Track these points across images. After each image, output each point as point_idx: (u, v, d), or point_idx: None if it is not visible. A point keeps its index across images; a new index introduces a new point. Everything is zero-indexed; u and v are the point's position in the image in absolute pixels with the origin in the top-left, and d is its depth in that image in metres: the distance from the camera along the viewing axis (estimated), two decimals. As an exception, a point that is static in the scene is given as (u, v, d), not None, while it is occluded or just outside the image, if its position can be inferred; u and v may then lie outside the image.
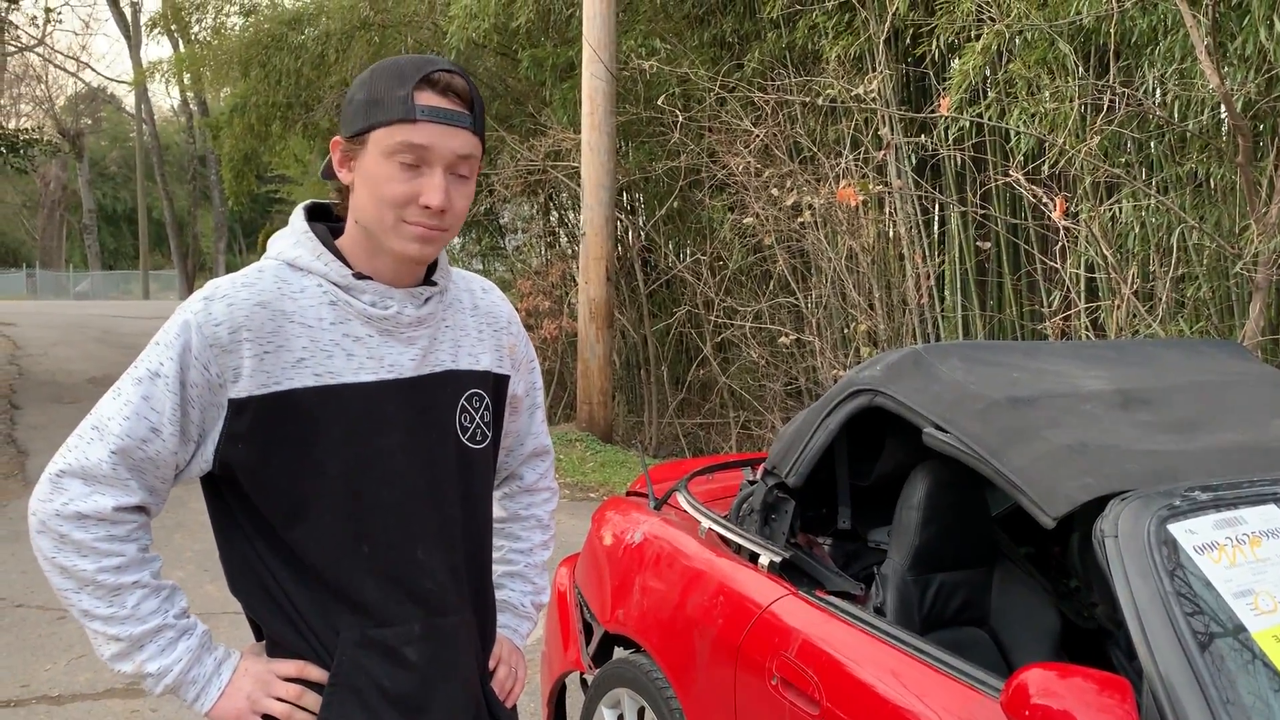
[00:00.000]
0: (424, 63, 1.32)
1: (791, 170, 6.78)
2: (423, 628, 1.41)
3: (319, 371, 1.34)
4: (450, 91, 1.32)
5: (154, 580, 1.34)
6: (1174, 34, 4.80)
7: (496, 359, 1.53)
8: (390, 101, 1.30)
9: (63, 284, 38.99)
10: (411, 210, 1.32)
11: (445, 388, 1.44)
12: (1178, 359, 2.44)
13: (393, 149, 1.30)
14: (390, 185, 1.31)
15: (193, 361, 1.29)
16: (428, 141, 1.30)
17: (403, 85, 1.30)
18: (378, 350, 1.37)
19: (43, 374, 12.75)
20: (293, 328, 1.33)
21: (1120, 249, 5.28)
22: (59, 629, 4.44)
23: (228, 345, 1.30)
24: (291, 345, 1.33)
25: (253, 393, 1.31)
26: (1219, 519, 1.67)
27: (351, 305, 1.36)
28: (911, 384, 2.19)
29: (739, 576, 2.36)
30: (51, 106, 37.73)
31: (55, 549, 1.29)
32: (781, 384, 7.49)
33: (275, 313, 1.32)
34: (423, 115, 1.29)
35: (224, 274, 8.93)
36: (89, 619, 1.31)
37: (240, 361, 1.30)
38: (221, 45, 12.89)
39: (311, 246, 1.38)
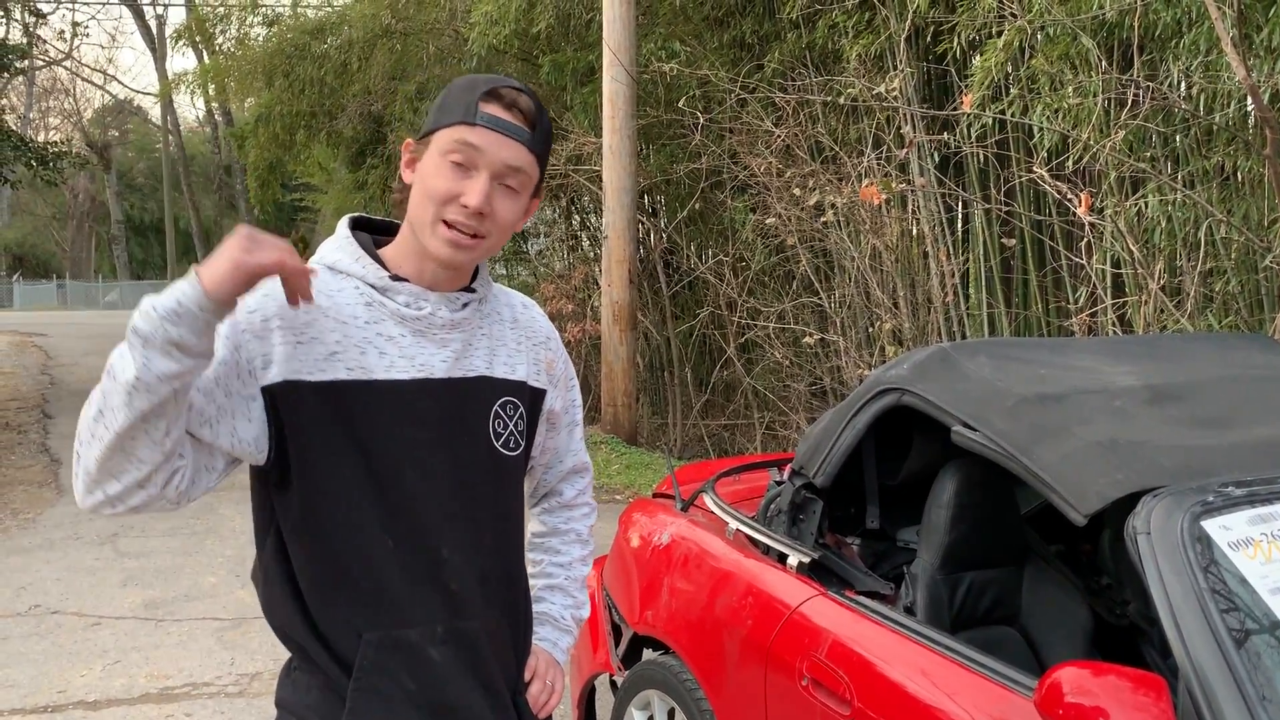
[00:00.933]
0: (498, 79, 1.38)
1: (813, 170, 6.76)
2: (446, 629, 1.41)
3: (351, 366, 1.35)
4: (515, 107, 1.36)
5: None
6: (1199, 26, 4.75)
7: (534, 372, 1.54)
8: (457, 106, 1.35)
9: (92, 294, 39.44)
10: (451, 209, 1.35)
11: (479, 392, 1.45)
12: (1208, 353, 2.42)
13: (448, 147, 1.34)
14: (437, 180, 1.35)
15: (223, 340, 1.28)
16: (480, 143, 1.34)
17: (471, 93, 1.35)
18: (410, 350, 1.39)
19: (75, 384, 12.91)
20: (327, 321, 1.35)
21: (1146, 244, 5.23)
22: (94, 635, 4.50)
23: (259, 331, 1.31)
24: (325, 339, 1.35)
25: (286, 377, 1.32)
26: (1254, 514, 1.65)
27: (386, 305, 1.39)
28: (939, 382, 2.19)
29: (767, 577, 2.36)
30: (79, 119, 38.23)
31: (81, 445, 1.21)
32: (806, 384, 7.47)
33: (309, 306, 1.34)
34: (482, 120, 1.34)
35: (250, 282, 8.81)
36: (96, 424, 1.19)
37: (271, 349, 1.32)
38: (245, 56, 13.00)
39: (351, 250, 1.42)
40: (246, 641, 4.37)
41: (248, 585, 5.13)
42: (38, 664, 4.19)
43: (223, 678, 4.04)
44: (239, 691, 3.91)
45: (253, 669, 4.10)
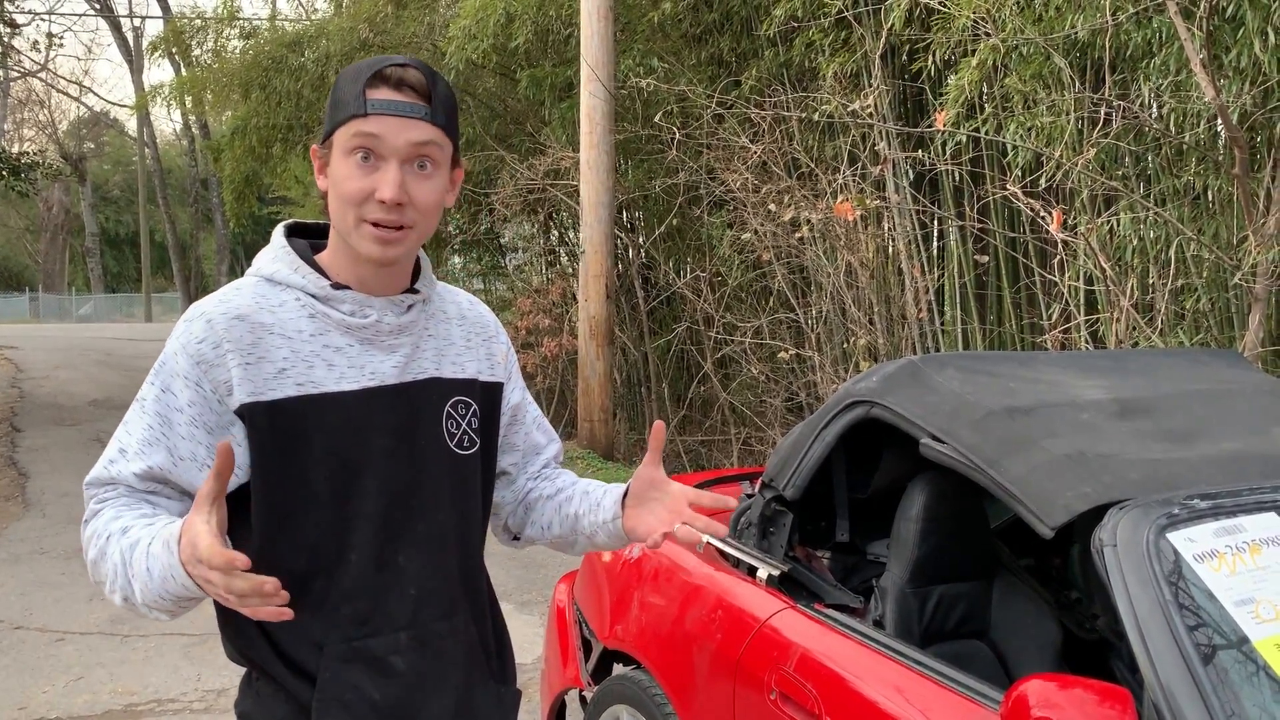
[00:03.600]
0: (378, 60, 1.33)
1: (789, 186, 6.79)
2: (409, 637, 1.40)
3: (300, 381, 1.34)
4: (404, 85, 1.31)
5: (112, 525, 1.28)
6: (1169, 47, 4.81)
7: (487, 366, 1.53)
8: (346, 100, 1.31)
9: (65, 307, 39.06)
10: (369, 207, 1.31)
11: (430, 395, 1.44)
12: (1176, 368, 2.44)
13: (348, 144, 1.31)
14: (348, 182, 1.31)
15: (184, 384, 1.31)
16: (378, 130, 1.29)
17: (357, 82, 1.31)
18: (359, 359, 1.38)
19: (44, 397, 12.75)
20: (273, 339, 1.33)
21: (1119, 261, 5.27)
22: (58, 651, 4.42)
23: (213, 360, 1.31)
24: (272, 356, 1.33)
25: (244, 400, 1.31)
26: (1219, 527, 1.66)
27: (330, 316, 1.37)
28: (908, 395, 2.19)
29: (737, 590, 2.35)
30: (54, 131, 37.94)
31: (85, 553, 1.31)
32: (782, 399, 7.48)
33: (254, 325, 1.33)
34: (373, 109, 1.29)
35: (221, 296, 8.68)
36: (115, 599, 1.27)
37: (229, 374, 1.31)
38: (222, 68, 12.93)
39: (289, 260, 1.39)
40: (213, 658, 4.31)
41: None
42: (-1, 680, 4.12)
43: (189, 694, 3.98)
44: (205, 708, 3.85)
45: (219, 685, 4.04)
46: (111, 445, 1.33)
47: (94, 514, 1.30)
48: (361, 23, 10.65)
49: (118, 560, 1.24)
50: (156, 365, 1.34)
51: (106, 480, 1.31)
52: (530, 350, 9.21)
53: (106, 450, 1.33)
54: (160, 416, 1.31)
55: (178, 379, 1.31)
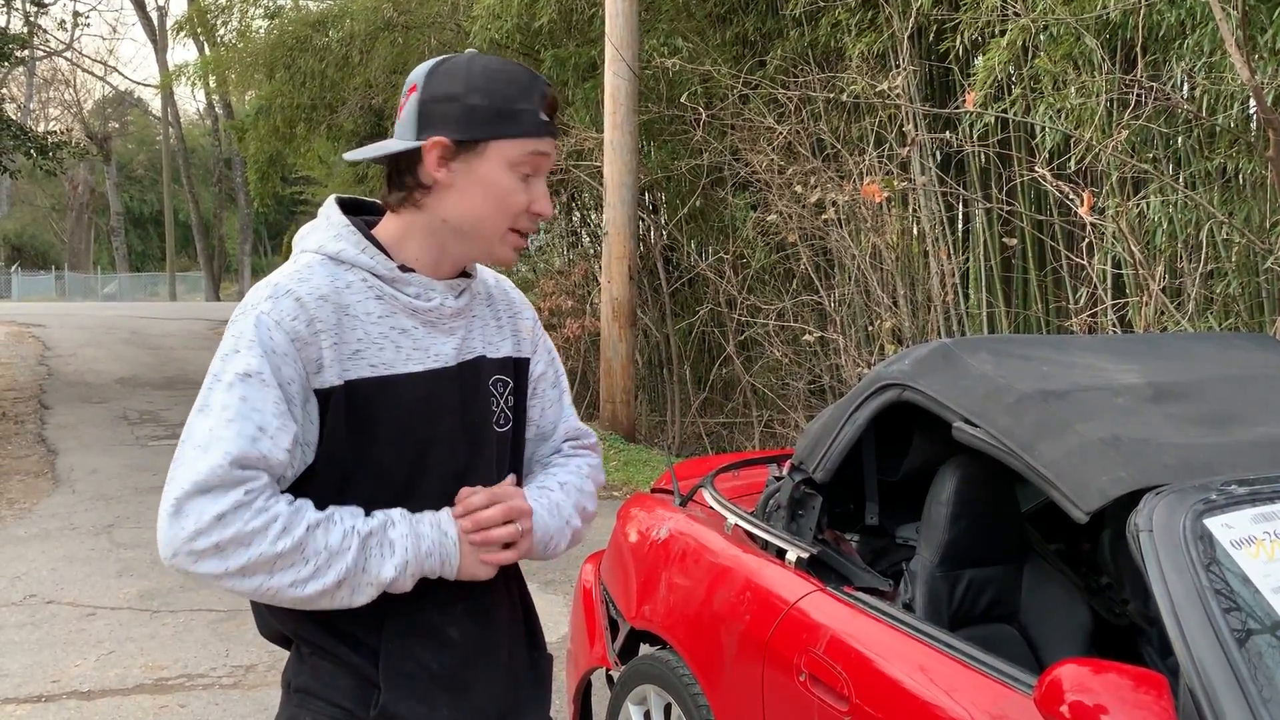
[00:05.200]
0: (536, 78, 1.39)
1: (815, 168, 6.75)
2: (464, 608, 1.45)
3: (374, 363, 1.36)
4: (556, 108, 1.42)
5: (318, 513, 1.31)
6: (1203, 27, 4.74)
7: (515, 344, 1.56)
8: (519, 115, 1.36)
9: (91, 286, 39.39)
10: (523, 219, 1.41)
11: (479, 375, 1.48)
12: (1210, 352, 2.41)
13: (517, 160, 1.37)
14: (514, 196, 1.38)
15: (281, 359, 1.30)
16: (549, 150, 1.40)
17: (528, 99, 1.36)
18: (423, 341, 1.41)
19: (72, 374, 12.89)
20: (349, 320, 1.35)
21: (1148, 245, 5.22)
22: (89, 625, 4.49)
23: (307, 338, 1.32)
24: (348, 338, 1.35)
25: (331, 383, 1.33)
26: (1256, 513, 1.64)
27: (397, 298, 1.39)
28: (940, 378, 2.17)
29: (766, 572, 2.35)
30: (80, 110, 38.18)
31: (221, 562, 1.24)
32: (805, 382, 7.46)
33: (336, 306, 1.34)
34: (549, 132, 1.39)
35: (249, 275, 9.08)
36: (304, 589, 1.27)
37: (320, 353, 1.32)
38: (246, 48, 12.97)
39: (355, 240, 1.40)
40: (242, 633, 4.36)
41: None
42: (32, 654, 4.18)
43: (218, 669, 4.03)
44: (234, 683, 3.89)
45: (248, 661, 4.09)
46: (235, 423, 1.25)
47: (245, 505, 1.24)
48: (386, 2, 10.64)
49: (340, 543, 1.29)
50: (246, 342, 1.29)
51: (257, 459, 1.26)
52: (552, 332, 9.23)
53: (231, 428, 1.25)
54: (282, 390, 1.29)
55: (275, 354, 1.29)
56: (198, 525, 1.22)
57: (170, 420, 9.78)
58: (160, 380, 12.55)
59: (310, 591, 1.28)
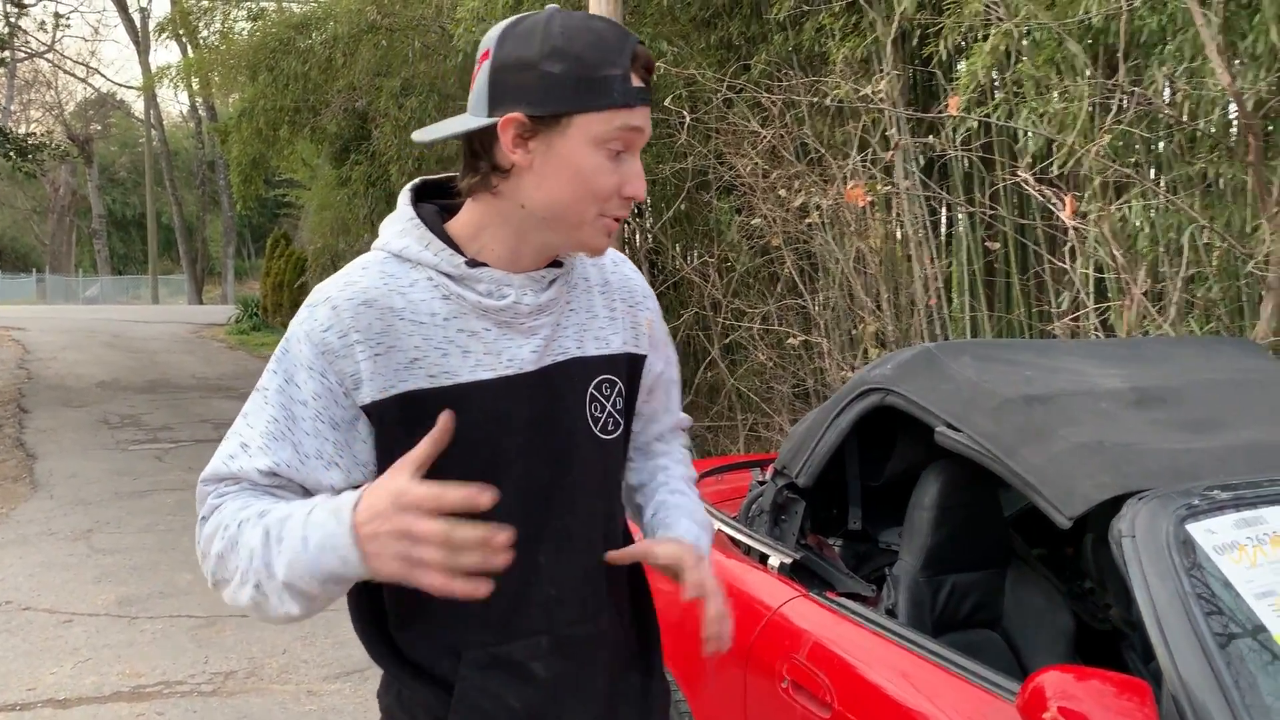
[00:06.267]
0: (623, 34, 1.19)
1: (799, 171, 6.75)
2: (552, 640, 1.29)
3: (434, 372, 1.21)
4: (650, 68, 1.20)
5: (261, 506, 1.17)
6: (1184, 33, 4.75)
7: (632, 338, 1.38)
8: (606, 82, 1.16)
9: (72, 289, 39.09)
10: (613, 203, 1.22)
11: (573, 378, 1.31)
12: (1193, 357, 2.41)
13: (606, 137, 1.18)
14: (602, 177, 1.19)
15: (308, 375, 1.19)
16: (642, 124, 1.20)
17: (616, 63, 1.16)
18: (495, 345, 1.24)
19: (51, 378, 12.78)
20: (403, 325, 1.21)
21: (1130, 249, 5.23)
22: (65, 632, 4.44)
23: (339, 351, 1.19)
24: (403, 345, 1.21)
25: (375, 398, 1.20)
26: (1239, 518, 1.64)
27: (465, 297, 1.23)
28: (923, 382, 2.17)
29: (749, 578, 2.34)
30: (61, 112, 37.90)
31: (208, 574, 1.19)
32: (789, 386, 7.46)
33: (383, 310, 1.20)
34: (640, 99, 1.18)
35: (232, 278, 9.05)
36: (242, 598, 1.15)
37: (356, 366, 1.19)
38: (229, 50, 12.87)
39: (419, 235, 1.25)
40: (221, 640, 4.32)
41: (224, 583, 5.08)
42: (6, 661, 4.13)
43: (196, 676, 3.99)
44: (213, 690, 3.86)
45: (227, 668, 4.05)
46: (230, 439, 1.21)
47: (214, 509, 1.19)
48: (369, 4, 10.59)
49: (256, 542, 1.12)
50: (278, 353, 1.23)
51: (227, 475, 1.19)
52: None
53: (225, 444, 1.22)
54: (284, 410, 1.20)
55: (301, 370, 1.20)
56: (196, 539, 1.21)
57: (151, 424, 9.71)
58: (141, 384, 12.46)
59: (244, 601, 1.15)
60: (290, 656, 4.15)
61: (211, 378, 13.46)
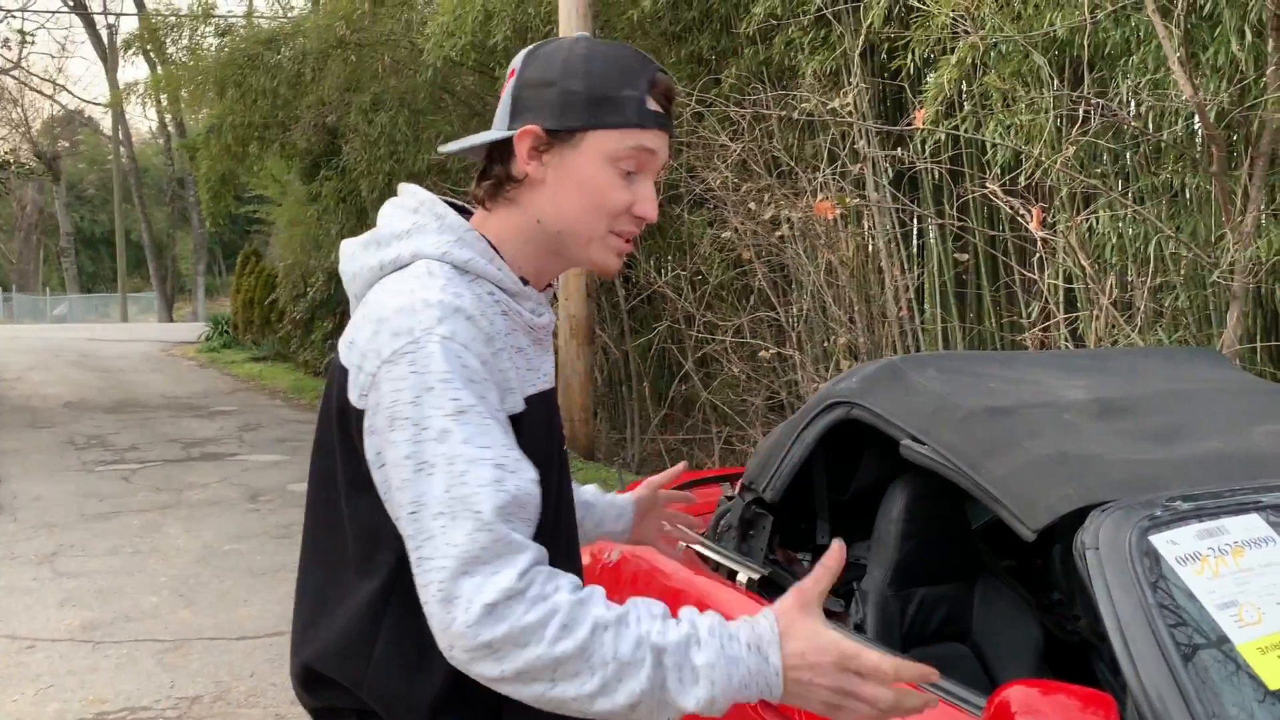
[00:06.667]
0: (648, 62, 1.24)
1: (769, 184, 6.77)
2: None
3: (513, 384, 1.22)
4: (670, 96, 1.24)
5: (608, 609, 1.08)
6: (1147, 45, 4.81)
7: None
8: (621, 102, 1.20)
9: (40, 308, 38.68)
10: (623, 221, 1.24)
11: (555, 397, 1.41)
12: (1156, 367, 2.42)
13: (620, 154, 1.21)
14: (614, 194, 1.22)
15: (484, 387, 1.13)
16: (656, 146, 1.23)
17: (634, 85, 1.21)
18: (535, 360, 1.29)
19: (17, 399, 12.61)
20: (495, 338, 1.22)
21: (1098, 259, 5.27)
22: (28, 658, 4.35)
23: (492, 360, 1.17)
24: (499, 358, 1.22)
25: (519, 408, 1.20)
26: (1201, 529, 1.64)
27: (520, 314, 1.26)
28: (888, 395, 2.16)
29: (717, 595, 2.32)
30: (28, 130, 37.53)
31: (496, 663, 1.04)
32: (763, 398, 7.46)
33: (488, 320, 1.20)
34: (658, 123, 1.22)
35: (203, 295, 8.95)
36: (591, 705, 1.05)
37: (505, 374, 1.19)
38: (198, 66, 12.79)
39: (482, 248, 1.24)
40: (187, 664, 4.25)
41: (191, 605, 5.00)
42: (-33, 689, 4.04)
43: (161, 702, 3.92)
44: (178, 716, 3.79)
45: (193, 692, 3.99)
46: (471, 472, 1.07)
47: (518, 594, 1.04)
48: (338, 20, 10.55)
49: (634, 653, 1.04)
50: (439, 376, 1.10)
51: (509, 503, 1.07)
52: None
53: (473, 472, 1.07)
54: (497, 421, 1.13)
55: (476, 383, 1.12)
56: (467, 617, 1.03)
57: (118, 444, 9.58)
58: (109, 404, 12.31)
59: (600, 709, 1.05)
60: (258, 680, 4.09)
61: (181, 397, 13.32)
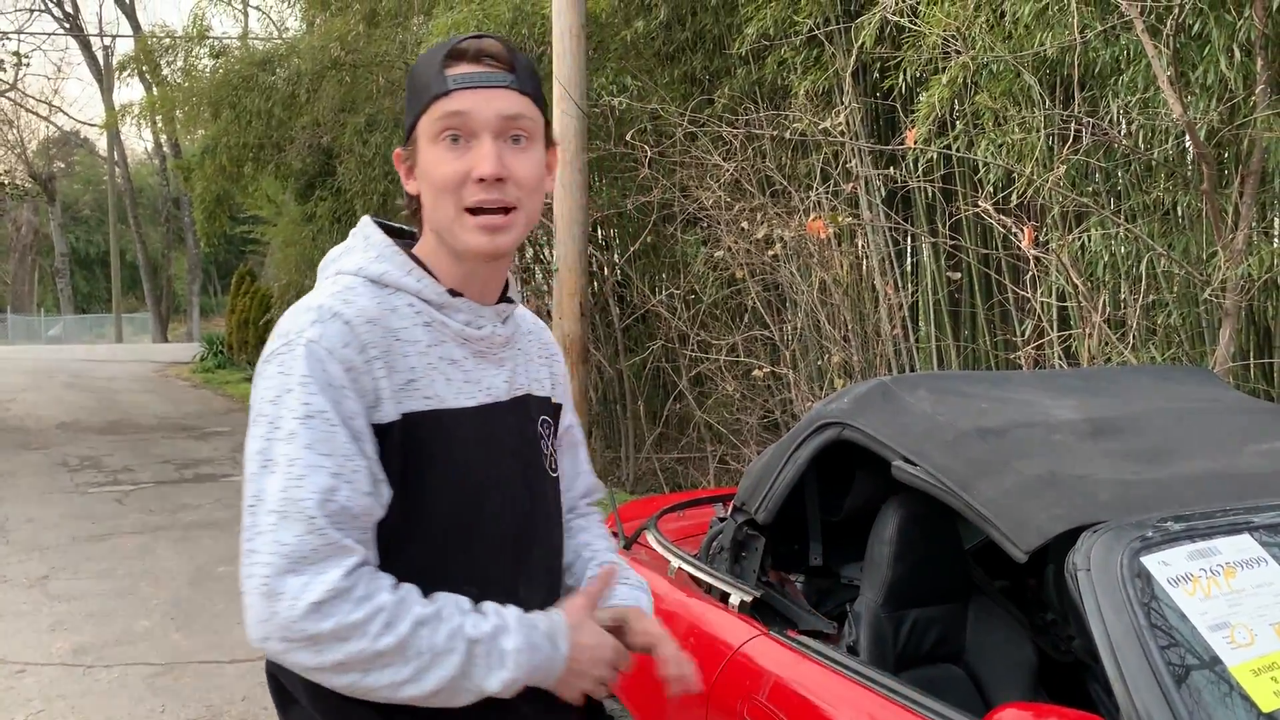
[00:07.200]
0: (454, 39, 1.25)
1: (762, 204, 6.79)
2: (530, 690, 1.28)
3: (428, 394, 1.23)
4: (484, 55, 1.23)
5: (426, 606, 1.16)
6: (1136, 64, 4.83)
7: (552, 385, 1.45)
8: (424, 85, 1.23)
9: (34, 328, 38.59)
10: (469, 190, 1.22)
11: (530, 412, 1.36)
12: (1147, 386, 2.42)
13: (435, 130, 1.22)
14: (442, 168, 1.22)
15: (340, 393, 1.16)
16: (465, 106, 1.21)
17: (432, 64, 1.23)
18: (474, 374, 1.28)
19: (11, 420, 12.56)
20: (399, 346, 1.22)
21: (1090, 277, 5.29)
22: (18, 683, 4.31)
23: (361, 367, 1.18)
24: (401, 366, 1.22)
25: (390, 418, 1.20)
26: (1193, 550, 1.63)
27: (447, 325, 1.27)
28: (879, 416, 2.16)
29: (710, 617, 2.31)
30: (24, 151, 37.54)
31: (316, 654, 1.11)
32: (757, 417, 7.45)
33: (385, 330, 1.22)
34: (456, 84, 1.21)
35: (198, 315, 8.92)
36: (399, 692, 1.14)
37: (376, 383, 1.19)
38: (193, 87, 12.82)
39: (400, 261, 1.27)
40: (178, 688, 4.22)
41: (183, 629, 4.97)
42: (-44, 715, 4.00)
43: (152, 726, 3.89)
44: (168, 740, 3.76)
45: (185, 716, 3.95)
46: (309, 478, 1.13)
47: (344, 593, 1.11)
48: (333, 41, 10.60)
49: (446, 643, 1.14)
50: (299, 379, 1.15)
51: (338, 511, 1.13)
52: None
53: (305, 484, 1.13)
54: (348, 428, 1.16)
55: (333, 388, 1.16)
56: (291, 613, 1.09)
57: (111, 466, 9.54)
58: (102, 425, 12.27)
59: (405, 695, 1.14)
60: (250, 704, 4.06)
61: (174, 417, 13.28)
